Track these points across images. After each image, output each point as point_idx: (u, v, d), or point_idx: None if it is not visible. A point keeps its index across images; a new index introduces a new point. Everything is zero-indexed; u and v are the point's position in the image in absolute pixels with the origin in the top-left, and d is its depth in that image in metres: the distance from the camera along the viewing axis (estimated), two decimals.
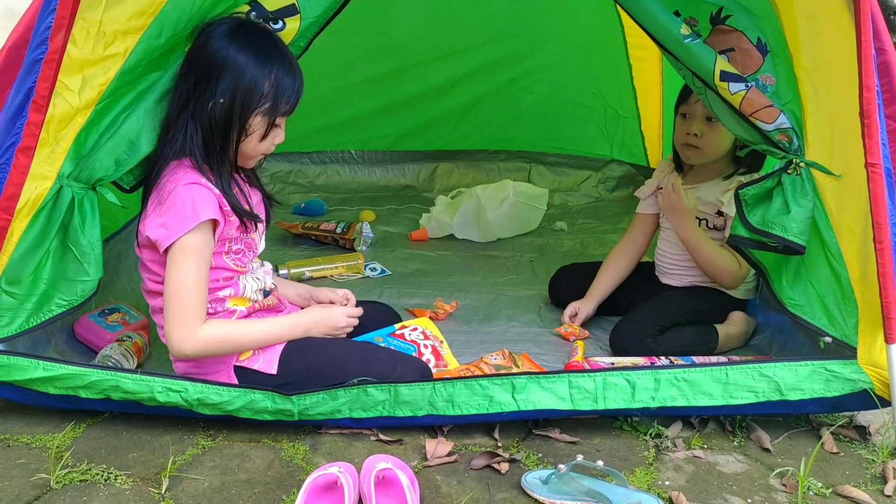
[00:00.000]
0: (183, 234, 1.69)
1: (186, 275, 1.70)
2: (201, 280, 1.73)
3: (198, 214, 1.69)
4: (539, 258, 3.04)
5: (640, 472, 1.71)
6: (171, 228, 1.69)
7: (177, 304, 1.71)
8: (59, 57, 1.61)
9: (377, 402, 1.76)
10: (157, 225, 1.72)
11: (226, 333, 1.78)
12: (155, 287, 1.82)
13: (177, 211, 1.70)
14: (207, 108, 1.73)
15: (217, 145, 1.76)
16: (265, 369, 1.80)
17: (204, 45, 1.74)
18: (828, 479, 1.70)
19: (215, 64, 1.72)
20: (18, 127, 1.64)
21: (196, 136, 1.75)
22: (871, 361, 1.76)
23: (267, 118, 1.76)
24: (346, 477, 1.52)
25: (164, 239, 1.70)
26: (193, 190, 1.71)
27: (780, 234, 1.88)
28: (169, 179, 1.74)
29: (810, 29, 1.81)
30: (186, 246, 1.70)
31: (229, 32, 1.74)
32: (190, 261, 1.71)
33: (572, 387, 1.78)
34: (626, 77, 3.56)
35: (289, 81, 1.76)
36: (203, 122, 1.74)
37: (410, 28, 3.71)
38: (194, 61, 1.75)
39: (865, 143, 1.65)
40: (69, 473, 1.64)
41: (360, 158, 3.91)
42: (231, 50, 1.72)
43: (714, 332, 2.22)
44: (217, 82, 1.71)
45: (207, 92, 1.72)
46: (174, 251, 1.70)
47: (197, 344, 1.73)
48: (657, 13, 1.88)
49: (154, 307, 1.86)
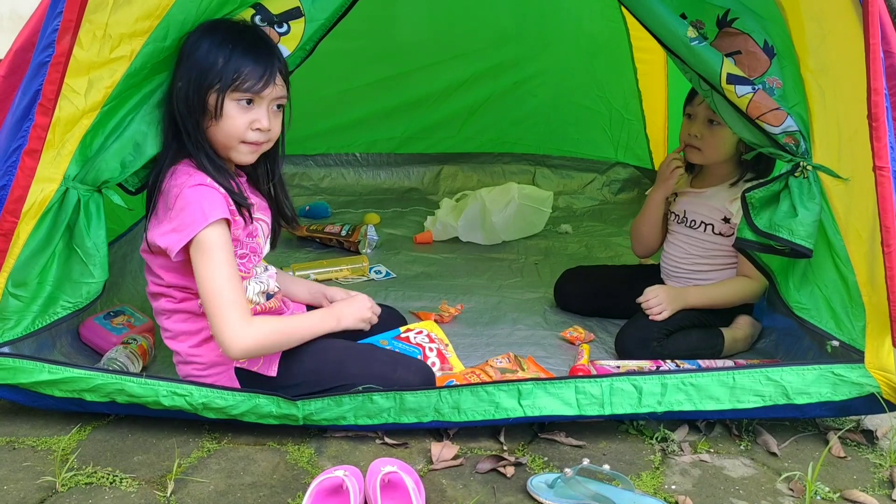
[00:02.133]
0: (195, 235, 1.66)
1: (216, 273, 1.67)
2: (234, 275, 1.69)
3: (206, 216, 1.67)
4: (544, 261, 3.03)
5: (647, 476, 1.71)
6: (182, 231, 1.68)
7: (221, 302, 1.67)
8: (65, 60, 1.61)
9: (382, 409, 1.76)
10: (167, 231, 1.70)
11: (274, 329, 1.77)
12: (158, 290, 1.81)
13: (186, 214, 1.68)
14: (172, 96, 1.74)
15: (187, 134, 1.74)
16: (265, 371, 1.80)
17: (180, 48, 1.76)
18: (835, 484, 1.70)
19: (181, 55, 1.75)
20: (25, 130, 1.64)
21: (174, 134, 1.76)
22: (879, 365, 1.75)
23: (219, 95, 1.71)
24: (352, 480, 1.52)
25: (175, 243, 1.68)
26: (200, 191, 1.69)
27: (787, 238, 1.87)
28: (173, 184, 1.73)
29: (817, 31, 1.81)
30: (204, 244, 1.67)
31: (201, 29, 1.76)
32: (217, 259, 1.67)
33: (579, 392, 1.77)
34: (631, 80, 3.56)
35: (248, 58, 1.72)
36: (172, 113, 1.75)
37: (415, 31, 3.72)
38: (176, 77, 1.77)
39: (873, 146, 1.64)
40: (75, 476, 1.64)
41: (365, 161, 3.91)
42: (192, 38, 1.75)
43: (720, 335, 2.21)
44: (179, 69, 1.74)
45: (172, 83, 1.75)
46: (195, 254, 1.68)
47: (249, 340, 1.69)
48: (663, 16, 1.88)
49: (157, 309, 1.85)
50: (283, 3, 1.85)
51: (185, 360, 1.83)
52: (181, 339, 1.82)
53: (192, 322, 1.81)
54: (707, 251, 2.29)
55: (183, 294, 1.79)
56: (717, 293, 2.25)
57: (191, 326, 1.81)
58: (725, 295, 2.25)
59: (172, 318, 1.82)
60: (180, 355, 1.83)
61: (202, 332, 1.80)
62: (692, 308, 2.22)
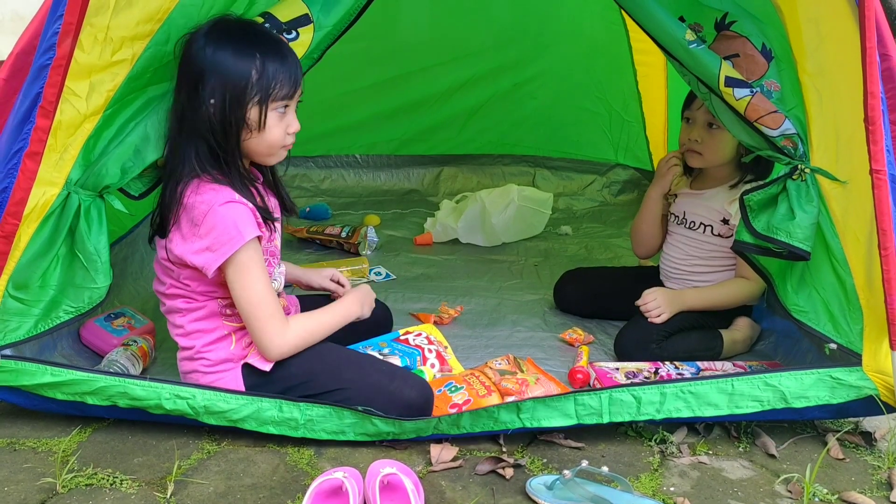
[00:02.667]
0: (231, 255, 1.69)
1: (255, 288, 1.73)
2: (269, 286, 1.76)
3: (242, 235, 1.69)
4: (544, 262, 3.04)
5: (645, 478, 1.71)
6: (218, 251, 1.69)
7: (261, 315, 1.74)
8: (66, 62, 1.61)
9: (382, 431, 1.76)
10: (200, 249, 1.71)
11: (308, 328, 1.83)
12: (176, 291, 1.81)
13: (220, 233, 1.69)
14: (201, 114, 1.70)
15: (222, 150, 1.73)
16: (260, 366, 1.79)
17: (186, 54, 1.73)
18: (833, 486, 1.70)
19: (197, 69, 1.70)
20: (26, 132, 1.64)
21: (202, 149, 1.73)
22: (877, 368, 1.75)
23: (261, 107, 1.72)
24: (351, 482, 1.53)
25: (211, 262, 1.70)
26: (232, 209, 1.70)
27: (785, 240, 1.88)
28: (199, 200, 1.71)
29: (815, 34, 1.81)
30: (244, 262, 1.71)
31: (206, 34, 1.72)
32: (254, 273, 1.72)
33: (578, 404, 1.77)
34: (631, 82, 3.56)
35: (277, 65, 1.71)
36: (201, 131, 1.72)
37: (416, 33, 3.72)
38: (181, 74, 1.74)
39: (870, 149, 1.65)
40: (75, 478, 1.64)
41: (365, 162, 3.92)
42: (209, 50, 1.69)
43: (719, 337, 2.21)
44: (203, 87, 1.69)
45: (197, 100, 1.70)
46: (233, 271, 1.72)
47: (289, 345, 1.78)
48: (662, 19, 1.89)
49: (171, 307, 1.84)
50: (292, 10, 1.85)
51: (192, 357, 1.83)
52: (194, 336, 1.82)
53: (208, 321, 1.82)
54: (706, 252, 2.30)
55: (205, 297, 1.81)
56: (715, 295, 2.26)
57: (207, 325, 1.82)
58: (723, 297, 2.25)
59: (188, 316, 1.82)
60: (189, 351, 1.84)
61: (217, 330, 1.82)
62: (691, 310, 2.23)
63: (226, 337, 1.82)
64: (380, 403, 1.74)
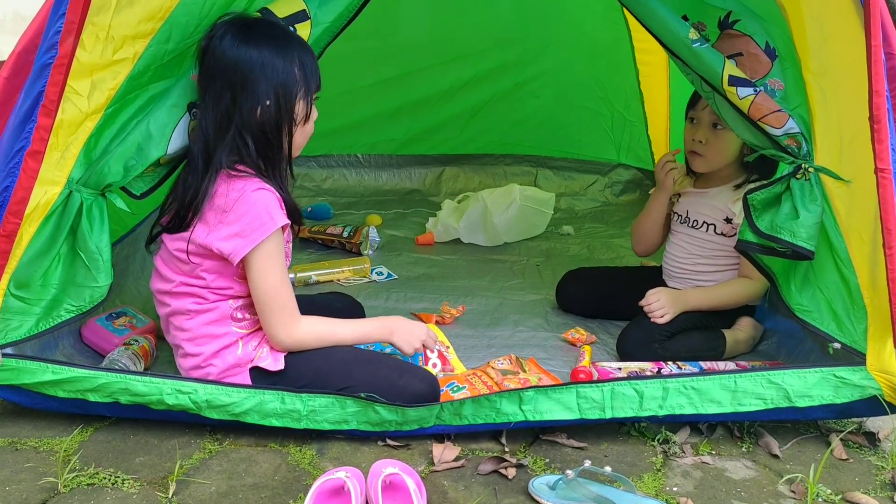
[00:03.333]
0: (261, 241, 1.71)
1: (275, 277, 1.76)
2: (286, 279, 1.79)
3: (274, 221, 1.72)
4: (546, 262, 3.04)
5: (648, 478, 1.71)
6: (248, 237, 1.71)
7: (274, 306, 1.77)
8: (68, 61, 1.61)
9: (385, 420, 1.76)
10: (229, 235, 1.72)
11: (322, 331, 1.85)
12: (187, 290, 1.79)
13: (252, 218, 1.71)
14: (256, 115, 1.74)
15: (275, 146, 1.79)
16: (271, 367, 1.80)
17: (222, 58, 1.72)
18: (837, 486, 1.69)
19: (244, 71, 1.72)
20: (28, 131, 1.64)
21: (249, 147, 1.76)
22: (881, 367, 1.75)
23: (306, 101, 1.80)
24: (353, 482, 1.52)
25: (241, 248, 1.72)
26: (264, 196, 1.73)
27: (789, 240, 1.87)
28: (231, 187, 1.73)
29: (819, 33, 1.81)
30: (269, 250, 1.74)
31: (238, 37, 1.73)
32: (275, 263, 1.75)
33: (580, 397, 1.77)
34: (633, 81, 3.56)
35: (309, 58, 1.80)
36: (253, 130, 1.75)
37: (417, 32, 3.72)
38: (221, 78, 1.73)
39: (875, 147, 1.64)
40: (77, 477, 1.64)
41: (367, 162, 3.91)
42: (251, 52, 1.72)
43: (722, 337, 2.21)
44: (254, 88, 1.72)
45: (248, 102, 1.73)
46: (257, 258, 1.73)
47: (298, 339, 1.81)
48: (665, 18, 1.88)
49: (177, 309, 1.82)
50: (289, 6, 1.85)
51: (199, 366, 1.82)
52: (200, 342, 1.81)
53: (218, 325, 1.81)
54: (709, 251, 2.29)
55: (217, 296, 1.80)
56: (717, 295, 2.25)
57: (216, 330, 1.81)
58: (726, 297, 2.25)
59: (197, 319, 1.81)
60: (195, 359, 1.82)
61: (226, 336, 1.81)
62: (694, 310, 2.22)
63: (233, 344, 1.81)
64: (390, 398, 1.75)
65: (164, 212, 1.85)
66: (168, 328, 1.88)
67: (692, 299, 2.23)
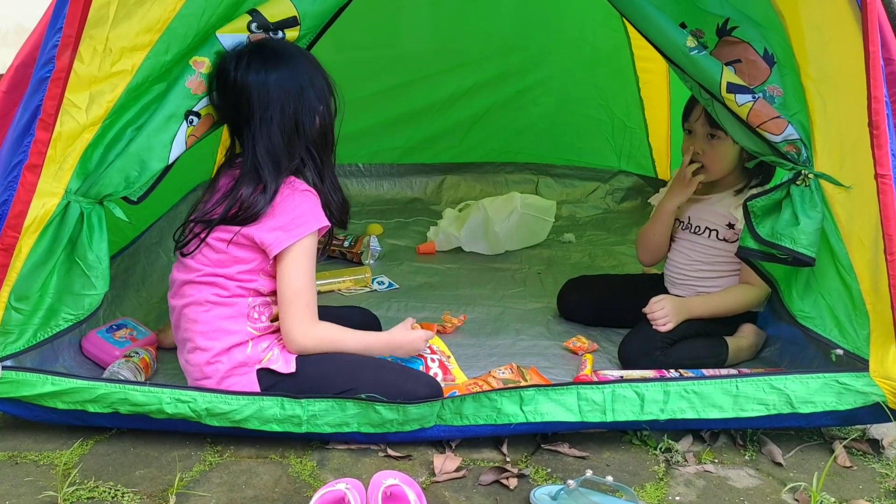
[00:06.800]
0: (302, 238, 1.78)
1: (305, 276, 1.82)
2: (314, 280, 1.86)
3: (319, 219, 1.82)
4: (547, 270, 3.03)
5: (651, 488, 1.70)
6: (290, 231, 1.78)
7: (299, 304, 1.81)
8: (65, 75, 1.62)
9: (386, 420, 1.75)
10: (272, 227, 1.79)
11: (335, 338, 1.89)
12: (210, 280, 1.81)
13: (298, 214, 1.79)
14: (316, 122, 1.85)
15: (329, 147, 1.91)
16: (282, 369, 1.82)
17: (264, 85, 1.79)
18: (841, 494, 1.68)
19: (294, 89, 1.81)
20: (26, 145, 1.65)
21: (314, 154, 1.87)
22: (884, 374, 1.74)
23: (334, 104, 1.91)
24: (354, 493, 1.52)
25: (281, 241, 1.78)
26: (310, 197, 1.83)
27: (790, 246, 1.87)
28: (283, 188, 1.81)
29: (818, 39, 1.81)
30: (306, 248, 1.81)
31: (272, 61, 1.80)
32: (307, 262, 1.82)
33: (581, 398, 1.77)
34: (634, 88, 3.56)
35: (317, 61, 1.90)
36: (316, 136, 1.86)
37: (418, 41, 3.73)
38: (279, 97, 1.79)
39: (875, 153, 1.64)
40: (77, 490, 1.64)
41: (368, 171, 3.92)
42: (294, 70, 1.82)
43: (724, 344, 2.20)
44: (308, 99, 1.82)
45: (308, 113, 1.82)
46: (292, 253, 1.79)
47: (313, 340, 1.84)
48: (663, 25, 1.88)
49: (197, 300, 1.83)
50: (282, 12, 1.86)
51: (207, 362, 1.81)
52: (213, 335, 1.82)
53: (232, 321, 1.82)
54: (711, 257, 2.29)
55: (240, 290, 1.82)
56: (720, 302, 2.24)
57: (229, 325, 1.82)
58: (729, 304, 2.24)
59: (212, 312, 1.82)
60: (205, 354, 1.81)
61: (238, 333, 1.82)
62: (696, 318, 2.21)
63: (244, 343, 1.83)
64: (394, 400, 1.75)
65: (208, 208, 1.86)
66: (180, 322, 1.88)
67: (694, 307, 2.23)
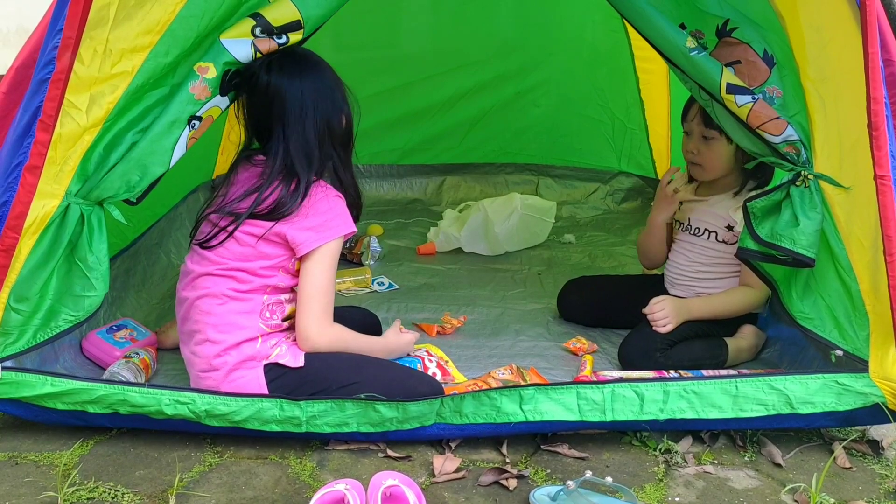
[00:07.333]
0: (331, 240, 1.83)
1: (328, 276, 1.86)
2: (334, 282, 1.91)
3: (348, 224, 1.88)
4: (547, 271, 3.03)
5: (650, 489, 1.70)
6: (322, 233, 1.83)
7: (318, 302, 1.85)
8: (65, 77, 1.62)
9: (385, 418, 1.75)
10: (304, 227, 1.83)
11: (347, 338, 1.94)
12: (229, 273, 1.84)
13: (329, 218, 1.85)
14: (342, 122, 1.93)
15: (351, 145, 1.98)
16: (291, 364, 1.83)
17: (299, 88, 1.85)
18: (840, 495, 1.68)
19: (326, 91, 1.89)
20: (26, 146, 1.65)
21: (338, 153, 1.94)
22: (884, 375, 1.74)
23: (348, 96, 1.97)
24: (353, 494, 1.52)
25: (311, 242, 1.82)
26: (341, 202, 1.90)
27: (790, 247, 1.87)
28: (314, 189, 1.86)
29: (817, 40, 1.81)
30: (332, 250, 1.86)
31: (299, 65, 1.87)
32: (331, 264, 1.86)
33: (580, 398, 1.77)
34: (634, 89, 3.56)
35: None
36: (343, 135, 1.94)
37: (418, 42, 3.73)
38: (312, 101, 1.86)
39: (874, 154, 1.64)
40: (77, 491, 1.64)
41: (368, 172, 3.91)
42: (319, 74, 1.90)
43: (724, 345, 2.20)
44: (335, 101, 1.91)
45: (336, 114, 1.91)
46: (321, 254, 1.84)
47: (328, 338, 1.87)
48: (662, 26, 1.88)
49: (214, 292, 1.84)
50: (286, 17, 1.85)
51: (217, 354, 1.82)
52: (226, 329, 1.82)
53: (245, 317, 1.84)
54: (711, 259, 2.29)
55: (262, 283, 1.84)
56: (720, 303, 2.24)
57: (242, 320, 1.84)
58: (729, 305, 2.24)
59: (227, 306, 1.84)
60: (216, 346, 1.82)
61: (250, 329, 1.84)
62: (696, 319, 2.21)
63: (254, 338, 1.84)
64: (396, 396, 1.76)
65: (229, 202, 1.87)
66: (190, 314, 1.88)
67: (695, 309, 2.23)
